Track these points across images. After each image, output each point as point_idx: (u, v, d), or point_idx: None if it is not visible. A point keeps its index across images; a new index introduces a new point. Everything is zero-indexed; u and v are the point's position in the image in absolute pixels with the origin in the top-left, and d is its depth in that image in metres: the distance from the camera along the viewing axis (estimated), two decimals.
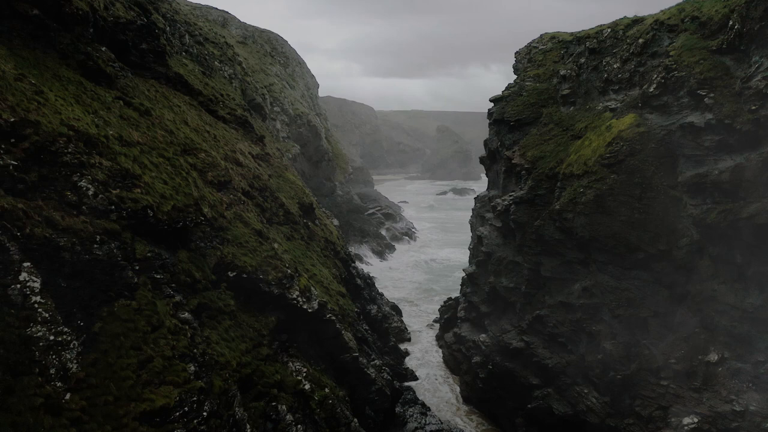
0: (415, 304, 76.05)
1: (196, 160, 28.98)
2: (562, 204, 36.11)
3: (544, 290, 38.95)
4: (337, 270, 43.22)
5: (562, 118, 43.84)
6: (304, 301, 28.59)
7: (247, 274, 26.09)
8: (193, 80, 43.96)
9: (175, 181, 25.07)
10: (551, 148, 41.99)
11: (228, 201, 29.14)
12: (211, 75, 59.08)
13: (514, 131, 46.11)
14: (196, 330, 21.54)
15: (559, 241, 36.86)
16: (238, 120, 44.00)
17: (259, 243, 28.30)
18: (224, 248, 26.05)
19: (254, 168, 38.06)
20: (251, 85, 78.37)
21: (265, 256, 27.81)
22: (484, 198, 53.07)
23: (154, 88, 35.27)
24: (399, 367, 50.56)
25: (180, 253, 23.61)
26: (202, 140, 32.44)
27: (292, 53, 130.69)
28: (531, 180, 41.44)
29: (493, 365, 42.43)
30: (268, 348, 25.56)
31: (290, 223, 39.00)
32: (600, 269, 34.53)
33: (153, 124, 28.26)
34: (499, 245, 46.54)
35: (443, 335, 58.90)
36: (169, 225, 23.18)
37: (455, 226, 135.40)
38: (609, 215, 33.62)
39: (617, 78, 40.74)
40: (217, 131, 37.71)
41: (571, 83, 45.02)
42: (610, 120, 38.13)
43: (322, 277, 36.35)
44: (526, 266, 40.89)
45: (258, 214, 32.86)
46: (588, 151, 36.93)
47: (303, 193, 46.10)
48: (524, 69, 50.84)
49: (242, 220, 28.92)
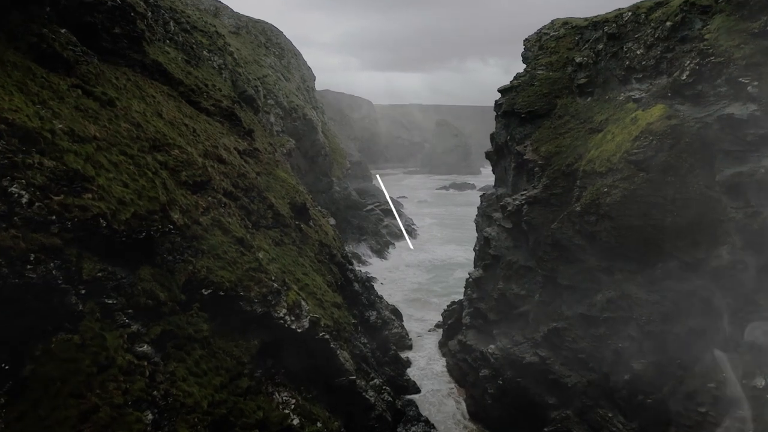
0: (416, 305, 72.34)
1: (168, 157, 25.13)
2: (583, 205, 32.32)
3: (561, 300, 35.20)
4: (333, 276, 39.44)
5: (579, 109, 40.01)
6: (293, 319, 24.83)
7: (224, 292, 22.29)
8: (173, 69, 40.03)
9: (138, 183, 21.25)
10: (567, 143, 38.19)
11: (205, 204, 25.32)
12: (197, 65, 55.07)
13: (525, 124, 42.25)
14: (158, 366, 17.77)
15: (579, 247, 33.08)
16: (223, 112, 40.09)
17: (240, 253, 24.49)
18: (198, 261, 22.25)
19: (239, 165, 34.21)
20: (243, 77, 74.32)
21: (247, 269, 24.01)
22: (491, 196, 49.29)
23: (125, 77, 31.37)
24: (400, 379, 46.92)
25: (142, 270, 19.80)
26: (178, 135, 28.58)
27: (287, 44, 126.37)
28: (545, 178, 37.64)
29: (504, 380, 38.76)
30: (249, 378, 21.79)
31: (280, 225, 35.18)
32: (627, 279, 30.77)
33: (117, 116, 24.39)
34: (508, 248, 42.79)
35: (447, 342, 55.23)
36: (128, 236, 19.38)
37: (456, 221, 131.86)
38: (638, 219, 29.82)
39: (641, 65, 36.90)
40: (197, 124, 33.83)
41: (587, 71, 41.16)
42: (635, 111, 34.33)
43: (315, 287, 32.58)
44: (541, 272, 37.16)
45: (242, 217, 29.05)
46: (611, 146, 33.12)
47: (295, 192, 42.26)
48: (535, 57, 46.96)
49: (221, 226, 25.10)
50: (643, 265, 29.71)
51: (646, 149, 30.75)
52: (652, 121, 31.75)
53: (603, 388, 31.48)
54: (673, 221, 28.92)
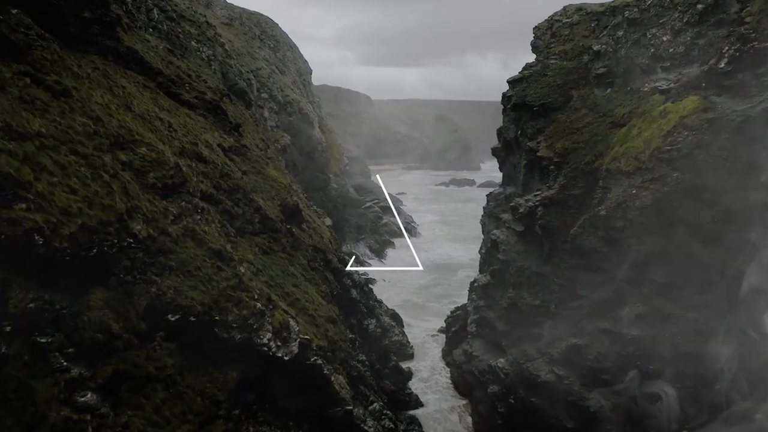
0: (417, 309, 68.83)
1: (133, 156, 21.58)
2: (608, 208, 28.84)
3: (581, 312, 31.76)
4: (328, 285, 35.97)
5: (598, 101, 36.49)
6: (279, 345, 21.36)
7: (195, 317, 18.81)
8: (152, 57, 36.40)
9: (90, 188, 17.72)
10: (586, 138, 34.68)
11: (177, 211, 21.78)
12: (183, 55, 51.32)
13: (537, 118, 38.69)
14: (106, 419, 14.31)
15: (603, 255, 29.64)
16: (207, 105, 36.52)
17: (216, 269, 20.99)
18: (163, 281, 18.75)
19: (223, 164, 30.67)
20: (234, 69, 70.63)
21: (224, 287, 20.52)
22: (499, 196, 45.75)
23: (92, 65, 27.78)
24: (401, 393, 43.52)
25: (91, 296, 16.30)
26: (149, 130, 25.02)
27: (283, 37, 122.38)
28: (562, 177, 34.15)
29: (516, 399, 35.37)
30: (226, 420, 18.35)
31: (268, 231, 31.69)
32: (658, 292, 27.33)
33: (72, 108, 20.83)
34: (519, 252, 39.31)
35: (451, 351, 51.78)
36: (74, 254, 15.88)
37: (457, 219, 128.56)
38: (672, 225, 26.38)
39: (668, 53, 33.37)
40: (176, 118, 30.28)
41: (606, 60, 37.61)
42: (664, 104, 30.82)
43: (307, 301, 29.13)
44: (557, 281, 33.72)
45: (222, 224, 25.53)
46: (638, 142, 29.62)
47: (287, 192, 38.72)
48: (547, 45, 43.38)
49: (195, 236, 21.58)
50: (678, 277, 26.27)
51: (680, 146, 27.28)
52: (686, 114, 28.26)
53: (630, 413, 28.08)
54: (713, 228, 25.50)
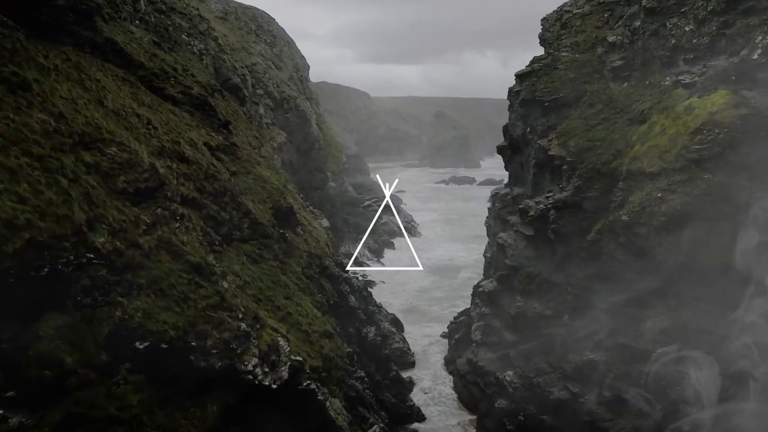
0: (418, 313, 66.36)
1: (100, 157, 19.04)
2: (630, 213, 26.35)
3: (598, 325, 29.30)
4: (324, 294, 33.49)
5: (614, 96, 33.99)
6: (267, 370, 18.88)
7: (168, 343, 16.31)
8: (133, 50, 33.82)
9: (43, 195, 15.20)
10: (602, 136, 32.18)
11: (151, 219, 19.27)
12: (172, 49, 48.71)
13: (548, 114, 36.18)
14: None
15: (623, 264, 27.17)
16: (193, 101, 33.96)
17: (195, 285, 18.48)
18: (131, 302, 16.24)
19: (209, 164, 28.14)
20: (228, 64, 67.96)
21: (203, 308, 18.02)
22: (506, 197, 43.22)
23: (62, 56, 25.22)
24: (402, 406, 41.04)
25: (42, 324, 13.80)
26: (123, 127, 22.47)
27: (279, 32, 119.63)
28: (576, 178, 31.64)
29: (526, 416, 32.93)
30: None
31: (259, 237, 29.20)
32: (685, 305, 24.87)
33: (29, 103, 18.28)
34: (529, 258, 36.83)
35: (454, 359, 49.28)
36: (20, 275, 13.38)
37: (458, 217, 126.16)
38: (703, 232, 23.91)
39: (691, 44, 30.87)
40: (156, 115, 27.73)
41: (623, 52, 35.09)
42: (689, 99, 28.33)
43: (300, 315, 26.65)
44: (571, 290, 31.27)
45: (205, 232, 23.00)
46: (663, 140, 27.12)
47: (280, 194, 36.17)
48: (557, 37, 40.83)
49: (171, 248, 19.07)
50: (710, 289, 23.80)
51: (711, 145, 24.80)
52: (715, 110, 25.77)
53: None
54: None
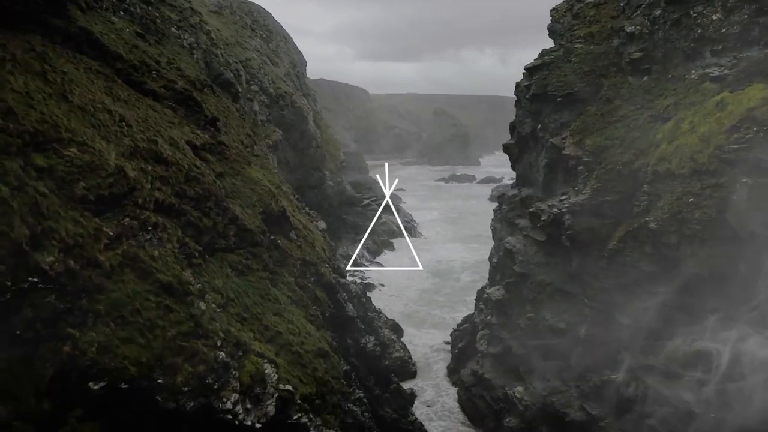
0: (419, 318, 63.78)
1: (56, 160, 16.40)
2: (660, 220, 23.73)
3: (619, 342, 26.74)
4: (319, 306, 30.91)
5: (633, 91, 31.38)
6: (249, 407, 16.29)
7: (129, 382, 13.68)
8: (111, 41, 31.10)
9: None
10: (621, 134, 29.58)
11: (116, 231, 16.63)
12: (159, 41, 46.03)
13: (561, 110, 33.54)
14: None
15: (649, 275, 24.57)
16: (177, 96, 31.30)
17: (164, 310, 15.85)
18: (84, 334, 13.62)
19: (191, 165, 25.49)
20: (220, 58, 65.20)
21: (173, 336, 15.41)
22: (514, 198, 40.57)
23: (25, 46, 22.54)
24: (403, 421, 38.42)
25: None
26: (89, 125, 19.81)
27: (276, 27, 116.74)
28: (594, 179, 29.05)
29: None
30: None
31: (246, 245, 26.61)
32: (722, 324, 22.29)
33: None
34: (539, 265, 34.25)
35: (458, 369, 46.76)
36: None
37: (458, 216, 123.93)
38: (743, 242, 21.32)
39: (719, 34, 28.26)
40: (132, 111, 25.06)
41: (642, 44, 32.44)
42: (720, 93, 25.74)
43: (291, 333, 24.03)
44: (588, 303, 28.73)
45: (183, 243, 20.37)
46: (692, 138, 24.50)
47: (272, 196, 33.55)
48: (568, 28, 38.19)
49: (138, 265, 16.43)
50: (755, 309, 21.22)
51: (749, 145, 22.19)
52: (753, 106, 23.16)
53: None
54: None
